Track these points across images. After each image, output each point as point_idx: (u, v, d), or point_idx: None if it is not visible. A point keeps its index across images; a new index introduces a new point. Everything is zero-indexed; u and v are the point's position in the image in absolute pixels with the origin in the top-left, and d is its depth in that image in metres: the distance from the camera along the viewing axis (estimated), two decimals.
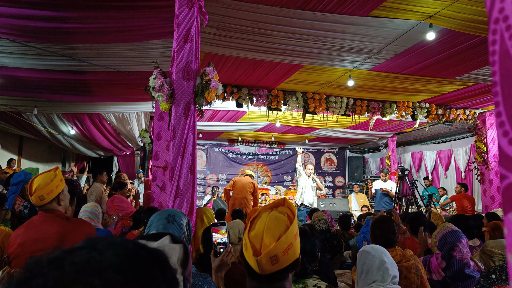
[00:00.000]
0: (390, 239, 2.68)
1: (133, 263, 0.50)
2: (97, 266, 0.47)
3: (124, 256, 0.50)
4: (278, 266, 1.17)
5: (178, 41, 3.27)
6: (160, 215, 1.76)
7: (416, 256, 2.70)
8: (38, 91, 6.55)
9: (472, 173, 9.04)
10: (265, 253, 1.15)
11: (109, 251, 0.49)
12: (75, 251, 0.50)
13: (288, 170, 13.87)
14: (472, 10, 3.95)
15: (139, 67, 5.39)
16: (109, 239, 0.53)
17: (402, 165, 9.58)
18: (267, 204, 1.33)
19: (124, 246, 0.52)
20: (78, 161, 12.01)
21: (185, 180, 3.15)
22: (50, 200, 2.26)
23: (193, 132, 3.24)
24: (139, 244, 0.55)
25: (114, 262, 0.48)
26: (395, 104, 7.43)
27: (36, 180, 2.26)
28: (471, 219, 3.94)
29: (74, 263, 0.47)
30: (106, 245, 0.51)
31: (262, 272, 1.17)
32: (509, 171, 0.42)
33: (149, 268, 0.51)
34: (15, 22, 4.24)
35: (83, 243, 0.52)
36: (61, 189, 2.34)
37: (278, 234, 1.19)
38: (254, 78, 6.22)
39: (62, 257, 0.48)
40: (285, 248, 1.18)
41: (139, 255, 0.52)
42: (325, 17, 4.16)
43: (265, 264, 1.16)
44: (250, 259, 1.19)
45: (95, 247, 0.50)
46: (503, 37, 0.44)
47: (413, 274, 2.47)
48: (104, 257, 0.48)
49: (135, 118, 8.38)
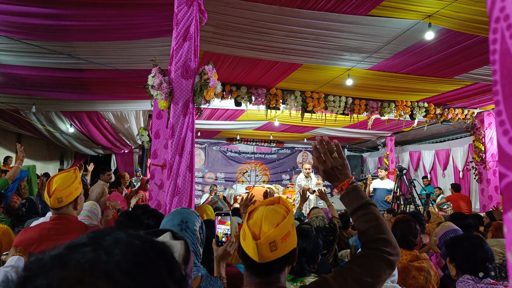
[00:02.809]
0: (410, 241, 2.63)
1: (141, 264, 0.47)
2: (104, 267, 0.44)
3: (132, 256, 0.47)
4: (277, 253, 1.17)
5: (177, 39, 3.26)
6: (173, 220, 1.70)
7: (431, 263, 2.68)
8: (36, 88, 6.53)
9: (470, 173, 9.07)
10: (264, 237, 1.16)
11: (116, 250, 0.47)
12: (79, 248, 0.47)
13: (286, 169, 13.88)
14: (471, 10, 3.95)
15: (138, 65, 5.38)
16: (114, 235, 0.50)
17: (400, 164, 9.60)
18: (263, 201, 1.33)
19: (132, 244, 0.49)
20: (77, 159, 11.99)
21: (184, 179, 3.15)
22: (68, 203, 2.13)
23: (191, 131, 3.24)
24: (146, 240, 0.52)
25: (122, 262, 0.46)
26: (394, 104, 7.44)
27: (55, 181, 2.12)
28: (470, 217, 3.96)
29: (79, 262, 0.44)
30: (113, 242, 0.48)
31: (261, 260, 1.17)
32: (509, 170, 0.42)
33: (158, 269, 0.49)
34: (14, 20, 4.23)
35: (86, 239, 0.49)
36: (79, 192, 2.21)
37: (276, 222, 1.20)
38: (252, 76, 6.22)
39: (66, 255, 0.45)
40: (283, 235, 1.18)
41: (147, 255, 0.49)
42: (324, 16, 4.16)
43: (264, 249, 1.16)
44: (249, 246, 1.19)
45: (100, 244, 0.48)
46: (503, 36, 0.44)
47: (422, 277, 2.47)
48: (111, 256, 0.46)
49: (133, 116, 8.36)
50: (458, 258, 2.04)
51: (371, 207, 1.25)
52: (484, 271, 1.96)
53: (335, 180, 1.31)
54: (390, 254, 1.18)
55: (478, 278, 1.94)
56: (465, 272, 1.98)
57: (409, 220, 2.73)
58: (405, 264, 2.53)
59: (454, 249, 2.09)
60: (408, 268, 2.47)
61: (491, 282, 1.93)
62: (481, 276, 1.95)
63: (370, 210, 1.24)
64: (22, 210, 3.98)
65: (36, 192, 5.37)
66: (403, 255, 2.42)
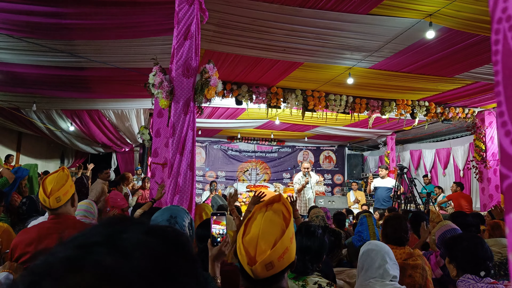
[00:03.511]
0: (401, 238, 2.67)
1: (164, 271, 0.41)
2: (123, 274, 0.39)
3: (154, 263, 0.41)
4: (273, 271, 1.16)
5: (178, 38, 3.26)
6: (162, 215, 1.77)
7: (424, 258, 2.69)
8: (37, 87, 6.53)
9: (471, 172, 9.06)
10: (260, 262, 1.13)
11: (136, 252, 0.41)
12: (92, 247, 0.41)
13: (287, 168, 13.87)
14: (472, 8, 3.94)
15: (139, 64, 5.38)
16: (131, 233, 0.44)
17: (401, 163, 9.59)
18: (262, 202, 1.30)
19: (152, 245, 0.43)
20: (77, 157, 12.00)
21: (184, 177, 3.15)
22: (65, 201, 2.18)
23: (192, 129, 3.24)
24: (167, 237, 0.46)
25: (143, 269, 0.40)
26: (395, 102, 7.43)
27: (49, 182, 2.15)
28: (470, 216, 3.95)
29: (93, 266, 0.39)
30: (131, 243, 0.42)
31: (256, 278, 1.16)
32: (510, 171, 0.42)
33: (182, 275, 0.43)
34: (14, 18, 4.23)
35: (100, 236, 0.43)
36: (74, 189, 2.26)
37: (274, 239, 1.16)
38: (253, 75, 6.21)
39: (77, 257, 0.40)
40: (280, 254, 1.15)
41: (170, 260, 0.43)
42: (325, 14, 4.15)
43: (260, 271, 1.14)
44: (244, 262, 1.18)
45: (116, 244, 0.42)
46: (506, 37, 0.44)
47: (418, 274, 2.48)
48: (130, 261, 0.40)
49: (134, 114, 8.37)
50: (459, 258, 2.03)
51: None
52: (486, 270, 1.96)
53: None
54: None
55: (479, 277, 1.94)
56: (466, 272, 1.97)
57: (399, 217, 2.80)
58: (400, 263, 2.53)
59: (454, 249, 2.09)
60: (404, 267, 2.47)
61: (491, 281, 1.93)
62: (482, 275, 1.94)
63: None
64: (23, 208, 3.98)
65: (37, 191, 5.38)
66: (397, 254, 2.42)
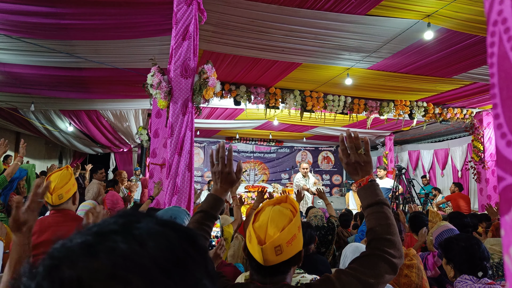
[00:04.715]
0: None
1: (179, 259, 0.44)
2: (139, 262, 0.41)
3: (169, 252, 0.44)
4: (282, 257, 1.18)
5: (176, 38, 3.26)
6: (162, 216, 1.77)
7: (419, 257, 2.71)
8: (35, 87, 6.52)
9: (469, 172, 9.08)
10: (269, 242, 1.16)
11: (151, 242, 0.43)
12: (109, 235, 0.43)
13: (285, 168, 13.88)
14: (470, 9, 3.95)
15: (137, 64, 5.37)
16: (146, 223, 0.46)
17: (399, 164, 9.61)
18: (270, 200, 1.34)
19: (167, 235, 0.45)
20: (76, 158, 11.98)
21: (183, 178, 3.15)
22: (67, 199, 2.28)
23: (190, 130, 3.24)
24: (180, 230, 0.48)
25: (158, 258, 0.42)
26: (393, 103, 7.44)
27: (53, 179, 2.24)
28: (468, 216, 3.97)
29: (111, 252, 0.40)
30: (146, 233, 0.44)
31: (266, 263, 1.18)
32: (506, 173, 0.43)
33: (195, 265, 0.45)
34: (13, 18, 4.22)
35: (116, 225, 0.45)
36: (76, 187, 2.36)
37: (282, 225, 1.20)
38: (252, 76, 6.21)
39: (95, 243, 0.42)
40: (289, 238, 1.18)
41: (184, 249, 0.45)
42: (324, 15, 4.16)
43: (269, 254, 1.17)
44: (254, 249, 1.20)
45: (132, 233, 0.44)
46: (501, 39, 0.44)
47: (414, 274, 2.49)
48: (145, 249, 0.42)
49: (132, 115, 8.36)
50: (456, 259, 2.04)
51: (384, 207, 1.26)
52: (483, 270, 1.97)
53: (354, 175, 1.33)
54: (394, 256, 1.18)
55: (476, 277, 1.94)
56: (463, 273, 1.98)
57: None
58: None
59: (451, 250, 2.09)
60: (400, 268, 2.50)
61: (488, 282, 1.93)
62: (480, 276, 1.95)
63: (382, 209, 1.26)
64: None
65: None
66: None
